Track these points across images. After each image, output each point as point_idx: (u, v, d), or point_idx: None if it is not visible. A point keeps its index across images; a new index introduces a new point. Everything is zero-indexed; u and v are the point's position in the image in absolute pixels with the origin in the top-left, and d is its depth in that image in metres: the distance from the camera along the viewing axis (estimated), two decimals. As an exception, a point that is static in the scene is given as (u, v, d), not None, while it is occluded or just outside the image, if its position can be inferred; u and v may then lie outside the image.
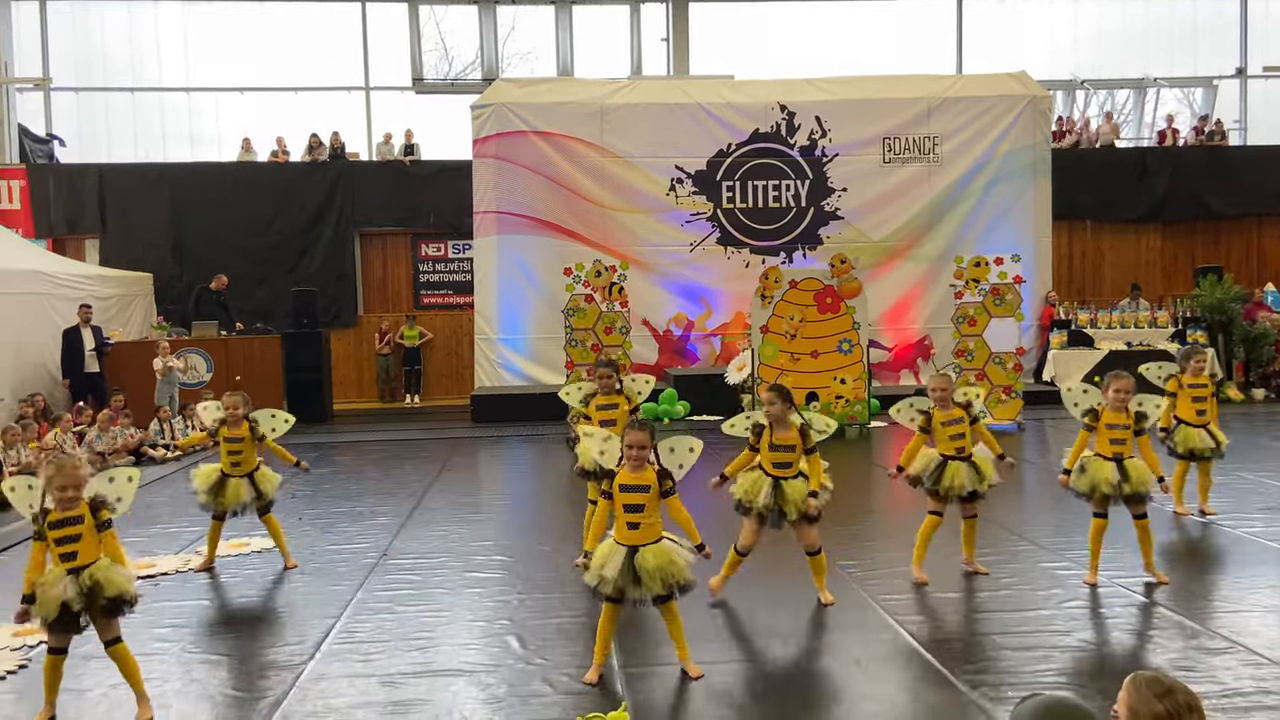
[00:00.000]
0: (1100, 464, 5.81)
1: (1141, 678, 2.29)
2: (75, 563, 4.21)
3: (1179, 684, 2.30)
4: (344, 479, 10.16)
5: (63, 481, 4.21)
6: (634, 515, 4.46)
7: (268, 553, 7.02)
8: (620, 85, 16.43)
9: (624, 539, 4.47)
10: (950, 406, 5.98)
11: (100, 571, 4.23)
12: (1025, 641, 4.96)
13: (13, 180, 17.12)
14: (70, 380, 13.21)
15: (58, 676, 4.33)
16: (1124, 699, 2.27)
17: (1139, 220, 18.23)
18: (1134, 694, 2.26)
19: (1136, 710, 2.23)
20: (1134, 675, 2.32)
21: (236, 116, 18.44)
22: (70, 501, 4.22)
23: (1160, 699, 2.24)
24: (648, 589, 4.41)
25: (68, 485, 4.21)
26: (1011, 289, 12.43)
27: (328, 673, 4.78)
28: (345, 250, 17.53)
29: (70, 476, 4.23)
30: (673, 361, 15.81)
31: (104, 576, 4.22)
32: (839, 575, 6.18)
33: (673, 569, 4.44)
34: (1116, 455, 5.79)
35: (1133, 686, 2.28)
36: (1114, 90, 20.22)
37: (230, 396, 6.62)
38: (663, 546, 4.47)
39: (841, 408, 12.30)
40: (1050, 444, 11.61)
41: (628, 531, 4.47)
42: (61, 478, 4.21)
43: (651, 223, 15.89)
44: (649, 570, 4.39)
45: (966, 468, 5.92)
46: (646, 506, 4.47)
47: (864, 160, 15.98)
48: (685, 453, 4.69)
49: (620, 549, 4.45)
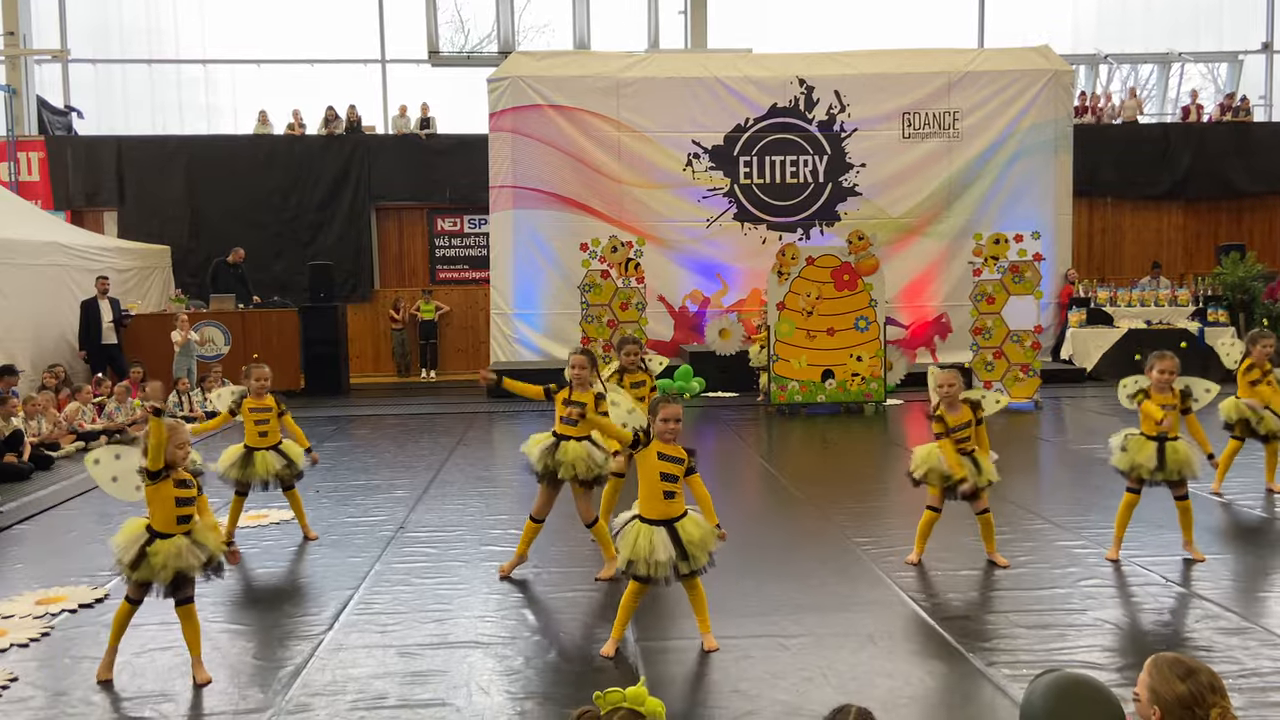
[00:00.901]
0: (1142, 444, 5.78)
1: (1163, 659, 2.28)
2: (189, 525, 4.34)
3: (1201, 665, 2.28)
4: (361, 452, 10.21)
5: (180, 438, 4.31)
6: (670, 484, 4.50)
7: (286, 524, 7.07)
8: (637, 59, 16.32)
9: (655, 513, 4.50)
10: (958, 407, 5.79)
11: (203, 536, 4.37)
12: (1041, 620, 4.96)
13: (32, 152, 17.19)
14: (88, 352, 13.31)
15: (126, 624, 4.45)
16: (1145, 680, 2.26)
17: (1161, 197, 18.02)
18: (1156, 675, 2.25)
19: (1158, 691, 2.22)
20: (1155, 657, 2.31)
21: (253, 89, 18.41)
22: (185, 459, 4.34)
23: (1183, 680, 2.23)
24: (695, 562, 4.47)
25: (184, 442, 4.32)
26: (1031, 266, 12.33)
27: (346, 643, 4.83)
28: (361, 224, 17.54)
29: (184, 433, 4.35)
30: (688, 338, 15.78)
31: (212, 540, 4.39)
32: (853, 552, 6.18)
33: (707, 541, 4.50)
34: (1160, 435, 5.74)
35: (1154, 668, 2.27)
36: (1137, 65, 19.93)
37: (259, 367, 6.61)
38: (695, 519, 4.53)
39: (858, 385, 12.27)
40: (1067, 423, 11.56)
41: (663, 503, 4.50)
42: (179, 435, 4.31)
43: (668, 198, 15.82)
44: (695, 542, 4.45)
45: (970, 463, 5.78)
46: (679, 478, 4.54)
47: (883, 135, 15.84)
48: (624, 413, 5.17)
49: (660, 530, 4.45)
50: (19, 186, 16.66)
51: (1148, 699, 2.25)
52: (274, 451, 6.53)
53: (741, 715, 3.98)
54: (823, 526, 6.88)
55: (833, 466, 9.64)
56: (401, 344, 17.36)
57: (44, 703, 4.25)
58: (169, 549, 4.25)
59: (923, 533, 5.91)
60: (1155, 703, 2.22)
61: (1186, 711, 2.20)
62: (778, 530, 6.90)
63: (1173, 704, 2.20)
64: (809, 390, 12.27)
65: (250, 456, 6.51)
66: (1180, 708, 2.20)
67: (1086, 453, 9.36)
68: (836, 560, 6.05)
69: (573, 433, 5.61)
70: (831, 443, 10.65)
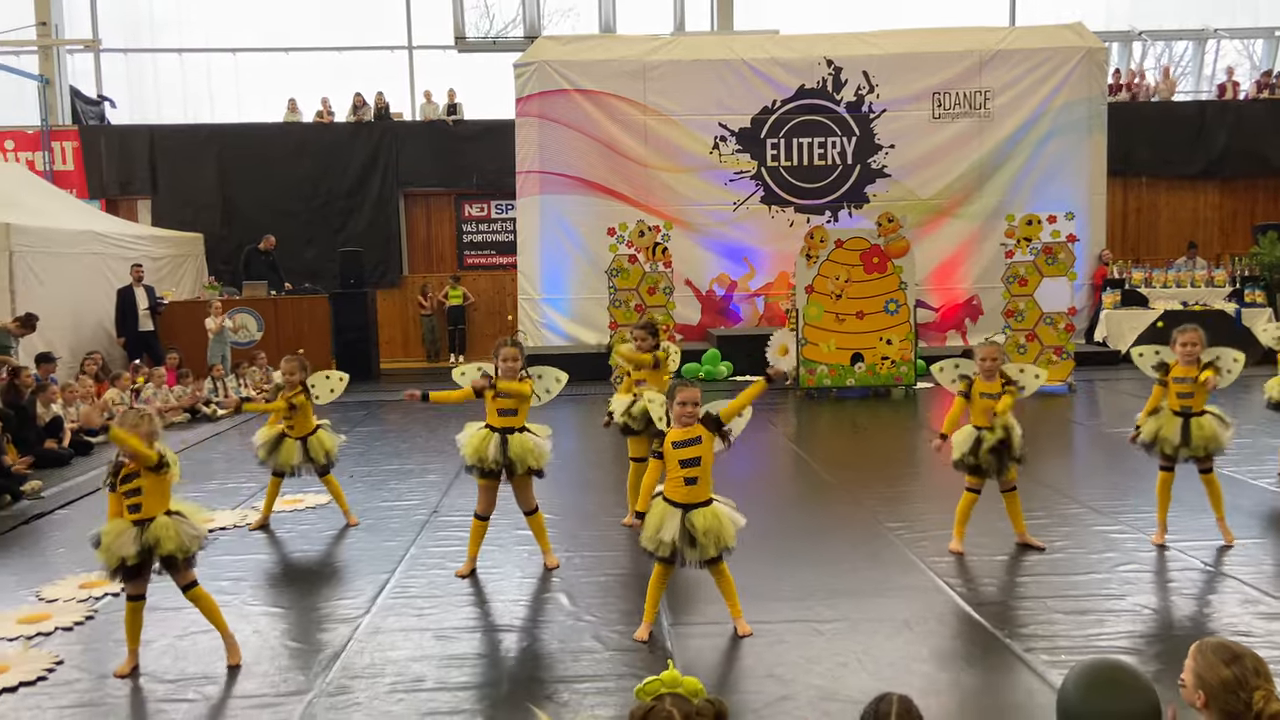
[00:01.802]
0: (1167, 419, 5.71)
1: (1207, 644, 2.26)
2: (139, 514, 4.32)
3: (1246, 650, 2.27)
4: (393, 437, 10.30)
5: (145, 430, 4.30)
6: (691, 470, 4.42)
7: (322, 509, 7.15)
8: (663, 42, 16.24)
9: (678, 497, 4.46)
10: (995, 378, 5.74)
11: (160, 528, 4.31)
12: (1079, 605, 4.92)
13: (66, 141, 17.39)
14: (125, 339, 13.50)
15: (137, 623, 4.46)
16: (1190, 666, 2.26)
17: (1196, 176, 17.71)
18: (1200, 660, 2.24)
19: (1203, 677, 2.21)
20: (1200, 642, 2.29)
21: (281, 77, 18.50)
22: None
23: (1228, 665, 2.22)
24: (702, 552, 4.43)
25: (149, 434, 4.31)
26: (1064, 247, 12.18)
27: (384, 626, 4.88)
28: (390, 210, 17.62)
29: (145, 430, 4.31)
30: (715, 322, 15.75)
31: (164, 532, 4.31)
32: (885, 537, 6.16)
33: (723, 532, 4.44)
34: (1184, 410, 5.67)
35: (1199, 653, 2.26)
36: (1172, 42, 19.56)
37: (288, 361, 6.68)
38: (714, 509, 4.47)
39: (888, 369, 12.19)
40: (1101, 406, 11.44)
41: (683, 489, 4.45)
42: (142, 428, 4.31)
43: (695, 181, 15.75)
44: (701, 531, 4.39)
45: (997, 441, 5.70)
46: (702, 459, 4.43)
47: (912, 116, 15.67)
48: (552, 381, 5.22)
49: (675, 512, 4.44)
50: (54, 176, 16.88)
51: (1193, 684, 2.24)
52: (300, 443, 6.60)
53: (776, 700, 3.99)
54: (854, 511, 6.87)
55: (863, 450, 9.60)
56: (430, 330, 17.46)
57: (89, 685, 4.33)
58: (111, 532, 4.31)
59: (962, 517, 5.85)
60: (1200, 687, 2.21)
61: (1231, 696, 2.19)
62: (809, 515, 6.89)
63: (1217, 688, 2.19)
64: (838, 374, 12.21)
65: (280, 442, 6.61)
66: (1225, 692, 2.20)
67: (1121, 436, 9.21)
68: (868, 545, 6.04)
69: (512, 423, 5.52)
70: (861, 427, 10.60)
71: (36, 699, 4.19)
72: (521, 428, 5.57)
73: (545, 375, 5.83)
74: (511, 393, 5.47)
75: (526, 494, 5.68)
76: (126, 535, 4.30)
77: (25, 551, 6.54)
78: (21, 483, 7.88)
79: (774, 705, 3.94)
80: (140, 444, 4.22)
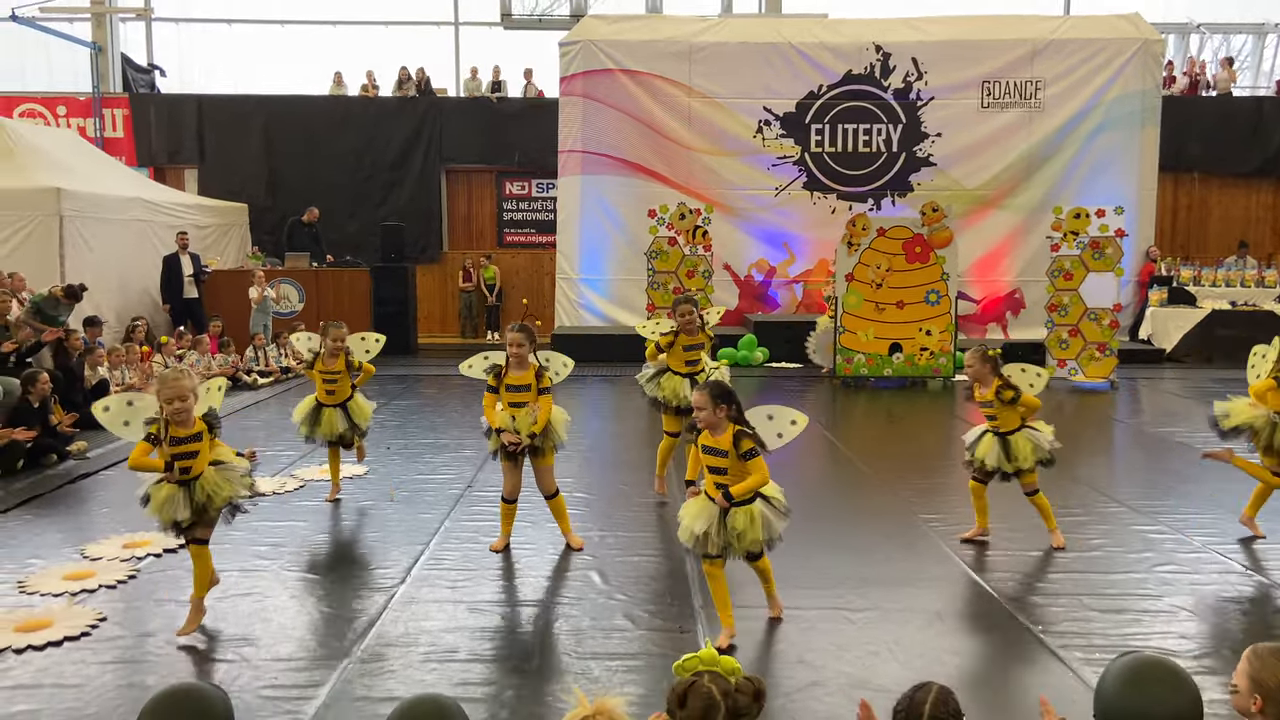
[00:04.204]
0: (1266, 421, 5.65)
1: (1264, 648, 2.23)
2: (189, 475, 4.39)
3: (1306, 652, 2.23)
4: (429, 411, 10.39)
5: (169, 394, 4.32)
6: (718, 477, 4.26)
7: (359, 479, 7.24)
8: (710, 23, 16.12)
9: (713, 495, 4.29)
10: (987, 387, 5.58)
11: (209, 481, 4.40)
12: (1115, 604, 4.86)
13: (117, 109, 17.64)
14: (170, 305, 13.71)
15: (205, 569, 4.51)
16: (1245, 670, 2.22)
17: (1251, 174, 17.31)
18: (1257, 664, 2.20)
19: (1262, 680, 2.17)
20: (1254, 646, 2.26)
21: (329, 49, 18.62)
22: (182, 414, 4.34)
23: (1289, 667, 2.18)
24: (733, 551, 4.28)
25: (174, 397, 4.32)
26: (1112, 242, 11.97)
27: (418, 597, 4.94)
28: (432, 186, 17.70)
29: (175, 388, 4.33)
30: (753, 307, 15.69)
31: (214, 486, 4.41)
32: (920, 528, 6.13)
33: (757, 532, 4.24)
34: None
35: (1254, 657, 2.22)
36: (1230, 35, 19.08)
37: (336, 329, 6.63)
38: (751, 510, 4.24)
39: (926, 360, 12.09)
40: (1143, 404, 11.27)
41: (715, 490, 4.29)
42: (168, 390, 4.33)
43: (737, 165, 15.66)
44: (738, 532, 4.22)
45: (998, 446, 5.56)
46: (729, 470, 4.24)
47: (961, 104, 15.45)
48: (786, 424, 4.51)
49: (712, 507, 4.26)
50: (104, 143, 17.14)
51: (1248, 688, 2.20)
52: (340, 409, 6.63)
53: (806, 686, 3.99)
54: (889, 501, 6.83)
55: (898, 441, 9.54)
56: (468, 306, 17.55)
57: (131, 642, 4.43)
58: (159, 497, 4.37)
59: (975, 505, 5.81)
60: (1256, 691, 2.17)
61: None
62: (843, 503, 6.87)
63: (1275, 692, 2.15)
64: (875, 363, 12.13)
65: (319, 413, 6.64)
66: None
67: (1164, 435, 9.12)
68: (902, 535, 6.01)
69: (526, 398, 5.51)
70: (897, 418, 10.53)
71: (80, 654, 4.29)
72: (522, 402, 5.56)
73: (553, 360, 5.86)
74: (517, 385, 5.51)
75: (547, 478, 5.67)
76: (176, 499, 4.36)
77: (70, 510, 6.70)
78: (68, 443, 8.05)
79: (804, 691, 3.94)
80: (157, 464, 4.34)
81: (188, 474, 4.38)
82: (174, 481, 4.36)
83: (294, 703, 3.83)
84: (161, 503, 4.38)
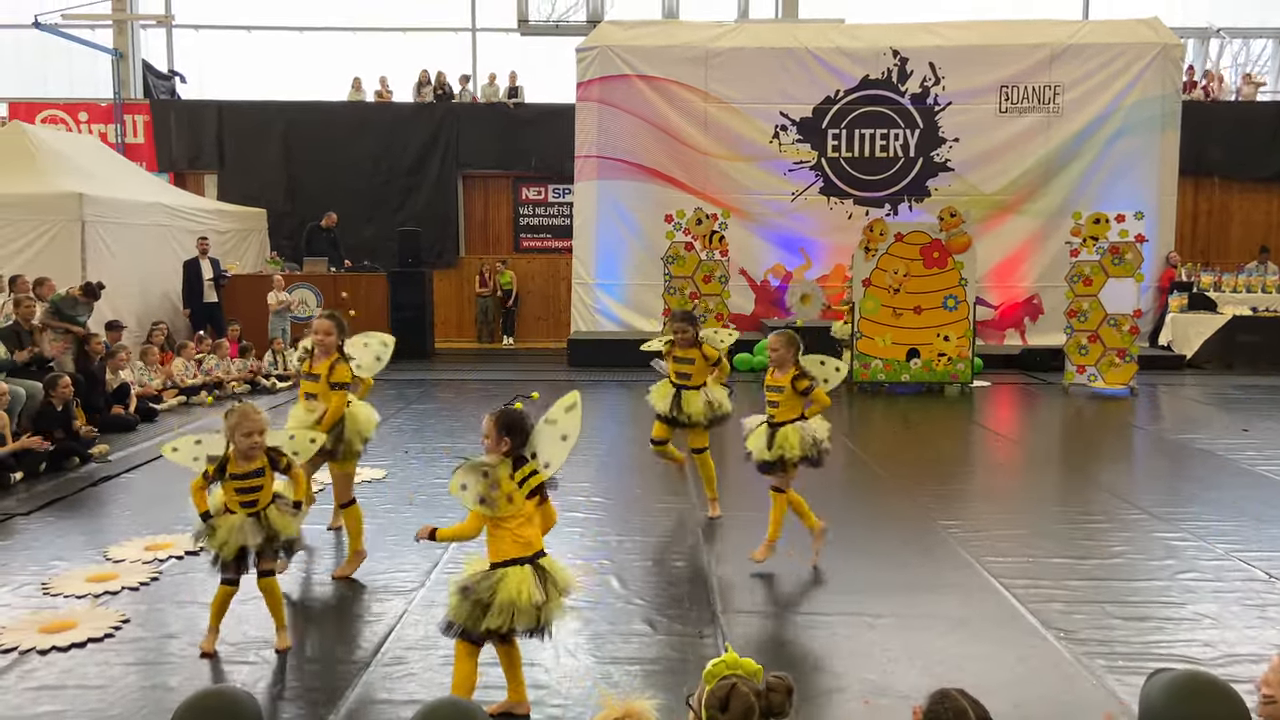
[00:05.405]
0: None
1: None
2: (255, 508, 4.31)
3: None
4: (446, 415, 10.42)
5: (249, 427, 4.27)
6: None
7: (377, 483, 7.27)
8: (726, 29, 16.14)
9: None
10: (785, 369, 5.30)
11: (275, 517, 4.32)
12: (1138, 612, 4.83)
13: (138, 115, 17.81)
14: (190, 310, 13.81)
15: (226, 607, 4.42)
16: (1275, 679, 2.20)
17: (1272, 179, 17.20)
18: None
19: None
20: None
21: (347, 55, 18.74)
22: (253, 449, 4.26)
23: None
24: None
25: (254, 431, 4.27)
26: (1132, 248, 11.90)
27: (437, 600, 4.94)
28: (449, 191, 17.78)
29: (255, 422, 4.28)
30: (769, 312, 15.67)
31: (280, 522, 4.32)
32: (939, 534, 6.10)
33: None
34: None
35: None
36: (1249, 40, 18.96)
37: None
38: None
39: (944, 365, 12.04)
40: (1164, 410, 11.19)
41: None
42: (248, 423, 4.27)
43: (753, 170, 15.66)
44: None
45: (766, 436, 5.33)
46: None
47: (979, 110, 15.41)
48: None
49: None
50: (125, 149, 17.30)
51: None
52: None
53: (826, 692, 3.98)
54: (907, 507, 6.81)
55: (916, 447, 9.50)
56: (484, 311, 17.61)
57: (154, 644, 4.46)
58: (229, 524, 4.26)
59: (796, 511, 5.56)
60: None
61: None
62: (861, 508, 6.85)
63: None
64: (893, 369, 12.09)
65: None
66: None
67: (1185, 442, 9.05)
68: (920, 541, 5.98)
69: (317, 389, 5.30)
70: (914, 423, 10.49)
71: (104, 655, 4.32)
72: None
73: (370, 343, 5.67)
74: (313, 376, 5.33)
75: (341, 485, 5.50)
76: (246, 526, 4.26)
77: (93, 513, 6.75)
78: (90, 446, 8.12)
79: (824, 697, 3.93)
80: None
81: (254, 507, 4.31)
82: None
83: (316, 706, 3.85)
84: (231, 530, 4.26)
